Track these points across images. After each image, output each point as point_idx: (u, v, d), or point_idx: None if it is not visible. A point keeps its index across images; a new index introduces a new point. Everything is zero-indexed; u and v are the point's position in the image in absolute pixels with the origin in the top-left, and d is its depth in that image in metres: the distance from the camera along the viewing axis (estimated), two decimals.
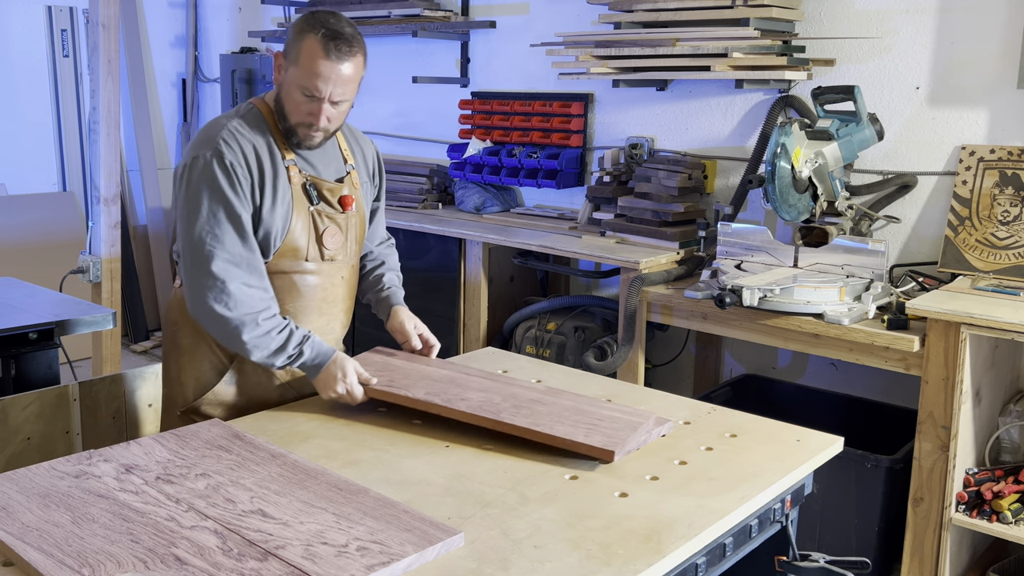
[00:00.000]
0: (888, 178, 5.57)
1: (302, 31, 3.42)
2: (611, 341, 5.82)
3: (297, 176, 3.59)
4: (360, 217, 3.84)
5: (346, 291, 3.87)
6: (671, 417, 3.47)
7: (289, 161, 3.58)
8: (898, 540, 4.93)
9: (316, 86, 3.40)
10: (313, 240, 3.64)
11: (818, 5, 5.79)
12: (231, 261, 3.41)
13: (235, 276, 3.40)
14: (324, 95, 3.43)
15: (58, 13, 9.39)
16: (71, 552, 2.38)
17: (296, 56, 3.41)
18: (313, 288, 3.70)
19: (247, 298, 3.41)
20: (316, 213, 3.64)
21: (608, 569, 2.39)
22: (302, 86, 3.42)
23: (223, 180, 3.41)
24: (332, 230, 3.68)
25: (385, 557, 2.38)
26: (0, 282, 5.75)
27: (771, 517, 3.10)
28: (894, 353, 4.67)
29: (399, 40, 8.03)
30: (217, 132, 3.50)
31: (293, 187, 3.57)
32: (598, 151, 6.86)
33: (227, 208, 3.41)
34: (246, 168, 3.45)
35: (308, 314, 3.71)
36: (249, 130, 3.54)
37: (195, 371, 3.71)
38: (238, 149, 3.46)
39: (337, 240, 3.71)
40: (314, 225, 3.64)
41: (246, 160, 3.46)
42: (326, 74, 3.39)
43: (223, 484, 2.81)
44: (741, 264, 5.37)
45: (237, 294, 3.39)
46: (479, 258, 6.51)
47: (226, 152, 3.43)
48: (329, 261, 3.72)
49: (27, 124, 9.38)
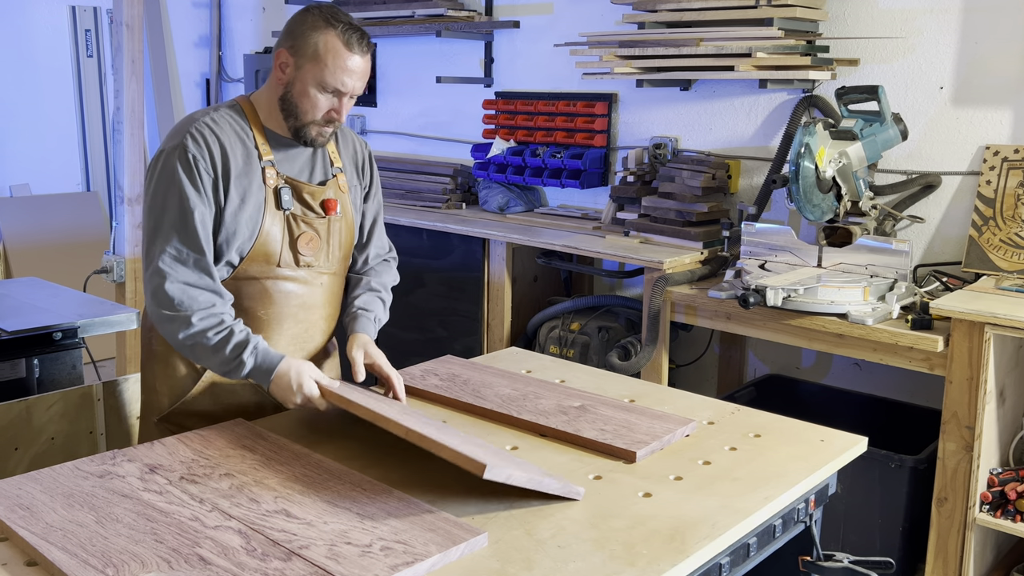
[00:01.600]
0: (912, 178, 5.56)
1: (315, 27, 3.35)
2: (635, 341, 5.82)
3: (273, 178, 3.47)
4: (347, 222, 3.70)
5: (326, 298, 3.71)
6: (695, 417, 3.48)
7: (267, 161, 3.47)
8: (922, 540, 4.92)
9: (343, 81, 3.37)
10: (287, 245, 3.51)
11: (842, 5, 5.78)
12: (176, 258, 3.29)
13: (178, 273, 3.28)
14: (350, 90, 3.40)
15: (82, 13, 9.43)
16: (95, 552, 2.39)
17: (314, 52, 3.35)
18: (287, 295, 3.57)
19: (186, 297, 3.27)
20: (291, 217, 3.51)
21: (632, 569, 2.39)
22: (324, 82, 3.36)
23: (183, 174, 3.31)
24: (309, 235, 3.54)
25: (409, 557, 2.38)
26: (24, 282, 5.77)
27: (795, 517, 3.09)
28: (918, 353, 4.66)
29: (423, 40, 8.04)
30: (188, 126, 3.40)
31: (267, 189, 3.46)
32: (622, 151, 6.86)
33: (182, 202, 3.30)
34: (210, 164, 3.35)
35: (283, 321, 3.58)
36: (224, 126, 3.44)
37: (169, 378, 3.59)
38: (204, 145, 3.35)
39: (314, 246, 3.57)
40: (288, 229, 3.51)
41: (211, 157, 3.35)
42: (352, 68, 3.37)
43: (247, 484, 2.82)
44: (765, 264, 5.37)
45: (175, 291, 3.26)
46: (503, 258, 6.51)
47: (191, 146, 3.33)
48: (306, 267, 3.58)
49: (51, 124, 9.42)
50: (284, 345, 3.60)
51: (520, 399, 3.53)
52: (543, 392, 3.63)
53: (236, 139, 3.44)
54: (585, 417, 3.34)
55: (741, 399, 5.53)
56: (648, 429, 3.24)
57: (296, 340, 3.63)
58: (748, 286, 4.94)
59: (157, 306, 3.29)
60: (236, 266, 3.46)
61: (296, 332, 3.63)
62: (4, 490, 2.74)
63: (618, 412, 3.40)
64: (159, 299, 3.28)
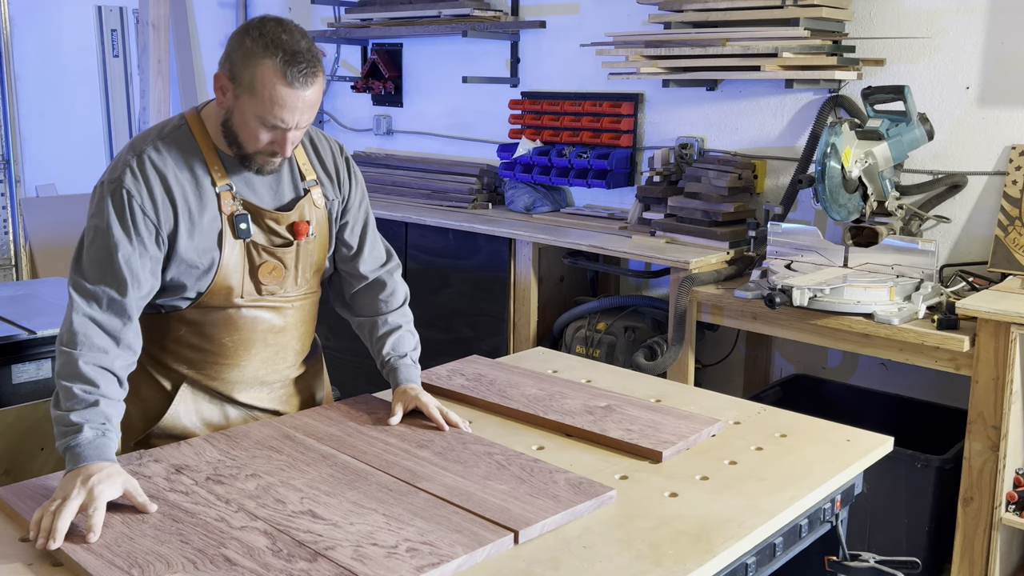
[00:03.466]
0: (938, 178, 5.56)
1: (252, 54, 3.00)
2: (661, 341, 5.83)
3: (230, 204, 3.21)
4: (320, 241, 3.45)
5: (300, 318, 3.51)
6: (721, 417, 3.49)
7: (223, 187, 3.21)
8: (948, 540, 4.91)
9: (280, 118, 3.03)
10: (247, 275, 3.29)
11: (868, 5, 5.78)
12: (92, 294, 2.99)
13: (85, 308, 2.97)
14: (290, 125, 3.06)
15: (108, 13, 9.46)
16: (120, 553, 2.41)
17: (251, 84, 3.00)
18: (254, 320, 3.37)
19: (83, 333, 2.94)
20: (252, 245, 3.27)
21: (658, 569, 2.41)
22: (261, 117, 3.04)
23: (114, 213, 3.04)
24: (271, 265, 3.31)
25: (435, 558, 2.39)
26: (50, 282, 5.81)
27: (821, 517, 3.10)
28: (944, 353, 4.66)
29: (449, 40, 8.05)
30: (128, 159, 3.12)
31: (223, 217, 3.21)
32: (648, 151, 6.87)
33: (107, 242, 3.03)
34: (149, 202, 3.07)
35: (252, 346, 3.40)
36: (169, 155, 3.15)
37: (140, 399, 3.37)
38: (143, 181, 3.08)
39: (276, 275, 3.34)
40: (249, 259, 3.28)
41: (151, 194, 3.08)
42: (291, 104, 3.02)
43: (273, 485, 2.83)
44: (791, 264, 5.37)
45: (76, 324, 2.94)
46: (529, 258, 6.52)
47: (128, 182, 3.06)
48: (269, 295, 3.37)
49: (77, 124, 9.44)
50: (254, 369, 3.46)
51: (546, 399, 3.55)
52: (569, 392, 3.65)
53: (185, 168, 3.17)
54: (611, 417, 3.36)
55: (767, 399, 5.53)
56: (674, 429, 3.25)
57: (266, 363, 3.49)
58: (774, 286, 4.94)
59: (61, 332, 2.97)
60: (195, 299, 3.27)
61: (266, 356, 3.47)
62: (30, 491, 2.77)
63: (644, 412, 3.41)
64: (63, 327, 2.97)
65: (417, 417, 3.39)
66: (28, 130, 9.09)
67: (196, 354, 3.37)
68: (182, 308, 3.29)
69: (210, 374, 3.40)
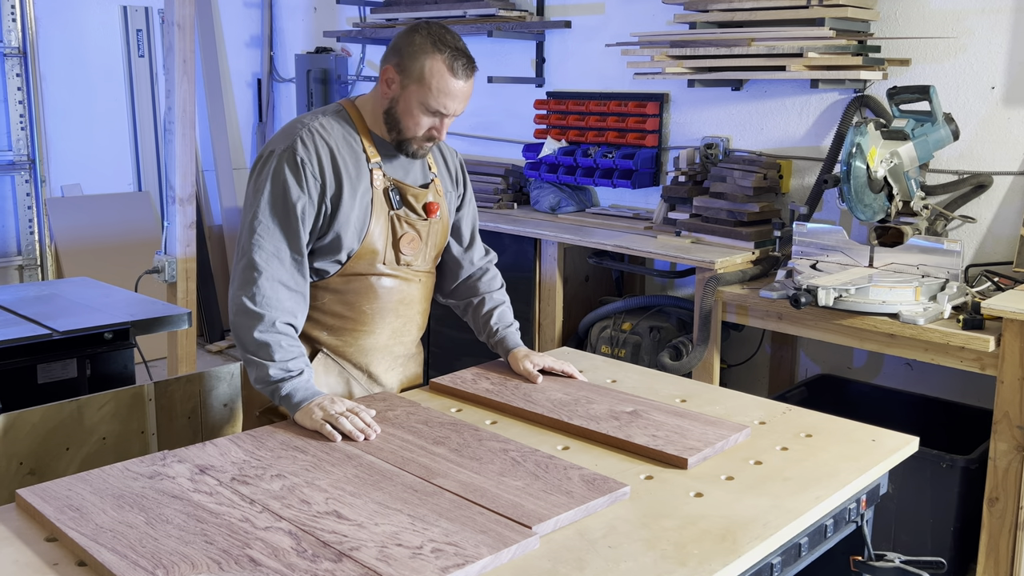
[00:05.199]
0: (963, 178, 5.55)
1: (423, 49, 3.45)
2: (686, 341, 5.83)
3: (381, 180, 3.60)
4: (443, 225, 3.85)
5: (422, 294, 3.86)
6: (746, 417, 3.49)
7: (374, 164, 3.60)
8: (973, 540, 4.91)
9: (444, 104, 3.47)
10: (390, 245, 3.65)
11: (893, 5, 5.77)
12: (275, 255, 3.42)
13: (273, 271, 3.41)
14: (452, 112, 3.51)
15: (133, 13, 9.48)
16: (145, 553, 2.41)
17: (420, 75, 3.44)
18: (389, 291, 3.70)
19: (276, 297, 3.40)
20: (396, 218, 3.64)
21: (683, 569, 2.42)
22: (427, 104, 3.47)
23: (291, 176, 3.43)
24: (410, 236, 3.69)
25: (460, 559, 2.39)
26: (76, 282, 5.81)
27: (846, 517, 3.11)
28: (969, 353, 4.66)
29: (474, 40, 8.04)
30: (298, 130, 3.52)
31: (375, 190, 3.59)
32: (673, 151, 6.87)
33: (286, 203, 3.43)
34: (318, 169, 3.47)
35: (385, 316, 3.73)
36: (333, 131, 3.56)
37: None
38: (313, 149, 3.48)
39: (414, 246, 3.71)
40: (392, 230, 3.64)
41: (320, 161, 3.48)
42: (456, 92, 3.47)
43: (298, 485, 2.84)
44: (816, 264, 5.37)
45: (267, 288, 3.38)
46: (554, 258, 6.53)
47: (300, 150, 3.45)
48: (405, 266, 3.73)
49: (103, 124, 9.46)
50: (385, 337, 3.79)
51: (572, 403, 3.55)
52: (595, 396, 3.64)
53: (344, 143, 3.57)
54: (637, 423, 3.35)
55: (792, 399, 5.53)
56: (701, 435, 3.24)
57: (395, 333, 3.81)
58: (800, 286, 4.94)
59: (244, 297, 3.38)
60: (343, 263, 3.60)
61: (396, 326, 3.80)
62: (54, 491, 2.77)
63: (671, 417, 3.40)
64: (247, 291, 3.38)
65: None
66: (53, 130, 9.12)
67: (337, 321, 3.69)
68: (329, 275, 3.63)
69: (347, 340, 3.73)
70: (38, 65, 8.94)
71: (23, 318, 4.90)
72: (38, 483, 2.87)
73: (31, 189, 9.01)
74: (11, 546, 2.52)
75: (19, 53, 8.78)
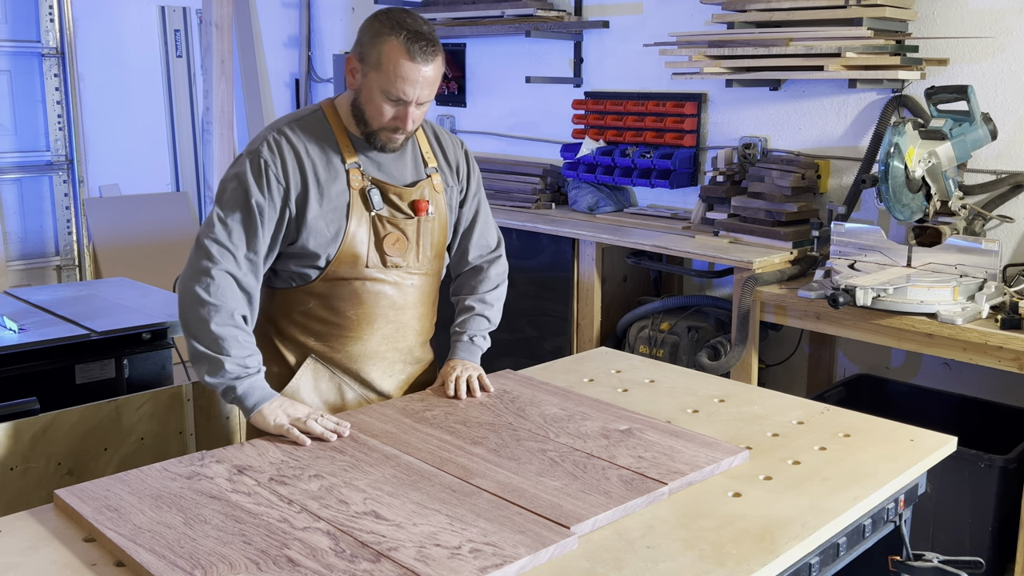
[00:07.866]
0: (1001, 178, 5.54)
1: (379, 33, 3.35)
2: (724, 341, 5.84)
3: (359, 180, 3.52)
4: (440, 222, 3.74)
5: (419, 298, 3.75)
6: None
7: (352, 164, 3.52)
8: (1012, 540, 4.90)
9: (403, 90, 3.34)
10: (373, 246, 3.55)
11: (931, 5, 5.76)
12: (231, 251, 3.34)
13: (227, 265, 3.32)
14: (411, 98, 3.37)
15: (171, 13, 9.52)
16: (183, 554, 2.43)
17: (377, 60, 3.35)
18: (377, 295, 3.62)
19: (230, 289, 3.32)
20: (377, 218, 3.54)
21: (721, 569, 2.43)
22: (386, 91, 3.36)
23: (252, 178, 3.37)
24: (395, 236, 3.58)
25: (498, 559, 2.40)
26: (114, 282, 5.83)
27: (884, 517, 3.11)
28: (1008, 353, 4.65)
29: (512, 40, 8.08)
30: (265, 135, 3.48)
31: (352, 191, 3.51)
32: (711, 151, 6.88)
33: (247, 203, 3.36)
34: (282, 172, 3.40)
35: (374, 321, 3.64)
36: (303, 134, 3.49)
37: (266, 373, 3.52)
38: (278, 152, 3.42)
39: (400, 247, 3.60)
40: (374, 230, 3.55)
41: (284, 166, 3.41)
42: (412, 77, 3.33)
43: (336, 485, 2.85)
44: (854, 264, 5.37)
45: (220, 279, 3.30)
46: (592, 258, 6.55)
47: (264, 153, 3.40)
48: (394, 268, 3.62)
49: (141, 124, 9.51)
50: (376, 343, 3.68)
51: (564, 420, 3.43)
52: (592, 413, 3.51)
53: (316, 145, 3.50)
54: (627, 442, 3.21)
55: (831, 399, 5.54)
56: (690, 458, 3.08)
57: (387, 339, 3.71)
58: (838, 286, 4.94)
59: (197, 287, 3.30)
60: (323, 268, 3.53)
61: (387, 332, 3.69)
62: (93, 492, 2.79)
63: (665, 437, 3.24)
64: (200, 280, 3.30)
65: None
66: (91, 130, 9.17)
67: (323, 327, 3.62)
68: (312, 280, 3.56)
69: (335, 347, 3.65)
70: (76, 66, 9.00)
71: (61, 318, 4.94)
72: (76, 483, 2.90)
73: (69, 189, 9.08)
74: (49, 546, 2.54)
75: (57, 54, 8.85)
